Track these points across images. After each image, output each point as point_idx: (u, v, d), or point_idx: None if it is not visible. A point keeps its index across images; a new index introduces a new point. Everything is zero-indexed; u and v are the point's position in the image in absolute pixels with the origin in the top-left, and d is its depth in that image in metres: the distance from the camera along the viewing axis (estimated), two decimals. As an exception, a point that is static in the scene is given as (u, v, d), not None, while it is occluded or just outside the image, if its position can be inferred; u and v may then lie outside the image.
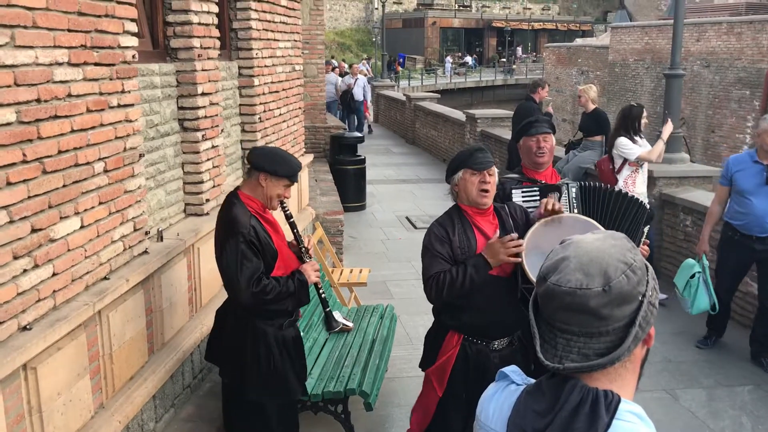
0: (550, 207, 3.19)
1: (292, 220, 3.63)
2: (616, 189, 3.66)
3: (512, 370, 1.53)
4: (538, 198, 3.64)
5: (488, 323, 3.25)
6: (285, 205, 3.59)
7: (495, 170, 3.24)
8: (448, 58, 46.50)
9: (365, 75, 21.92)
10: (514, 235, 3.12)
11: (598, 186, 3.67)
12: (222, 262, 3.36)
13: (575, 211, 3.57)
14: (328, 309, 3.85)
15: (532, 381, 1.48)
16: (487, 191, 3.20)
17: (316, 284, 3.62)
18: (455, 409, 3.34)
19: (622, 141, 6.63)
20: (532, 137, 3.82)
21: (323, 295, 3.79)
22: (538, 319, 1.39)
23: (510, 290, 3.24)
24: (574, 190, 3.61)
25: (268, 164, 3.37)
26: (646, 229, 3.69)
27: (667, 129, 6.98)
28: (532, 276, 3.02)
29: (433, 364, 3.37)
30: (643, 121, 6.73)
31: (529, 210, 3.59)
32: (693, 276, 5.49)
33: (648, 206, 3.68)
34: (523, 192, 3.71)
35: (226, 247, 3.29)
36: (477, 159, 3.18)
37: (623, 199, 3.60)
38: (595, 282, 1.28)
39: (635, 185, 6.68)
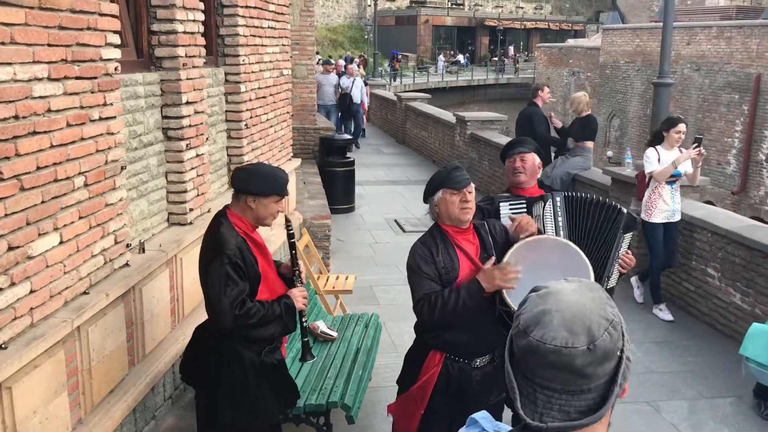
0: (525, 229, 3.21)
1: (293, 240, 3.52)
2: (596, 197, 3.71)
3: (483, 417, 1.52)
4: (525, 211, 3.67)
5: (470, 342, 3.26)
6: (290, 225, 3.51)
7: (473, 187, 3.26)
8: (441, 57, 46.41)
9: (361, 75, 20.10)
10: (512, 261, 3.14)
11: (582, 196, 3.70)
12: (206, 283, 3.23)
13: (560, 219, 3.61)
14: (306, 339, 3.70)
15: (502, 427, 1.47)
16: (468, 208, 3.21)
17: (300, 312, 3.48)
18: (438, 423, 3.35)
19: (647, 152, 6.50)
20: (511, 158, 3.87)
21: (305, 324, 3.66)
22: (515, 372, 1.35)
23: (491, 309, 3.25)
24: (558, 200, 3.65)
25: (254, 186, 3.25)
26: (628, 237, 3.69)
27: (686, 153, 6.40)
28: (510, 301, 3.04)
29: (413, 382, 3.37)
30: (675, 135, 6.41)
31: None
32: None
33: (626, 210, 3.68)
34: (510, 204, 3.75)
35: (210, 268, 3.16)
36: (455, 178, 3.19)
37: (603, 207, 3.65)
38: (580, 340, 1.26)
39: (657, 203, 6.45)
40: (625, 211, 3.67)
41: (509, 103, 36.91)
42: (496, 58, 49.41)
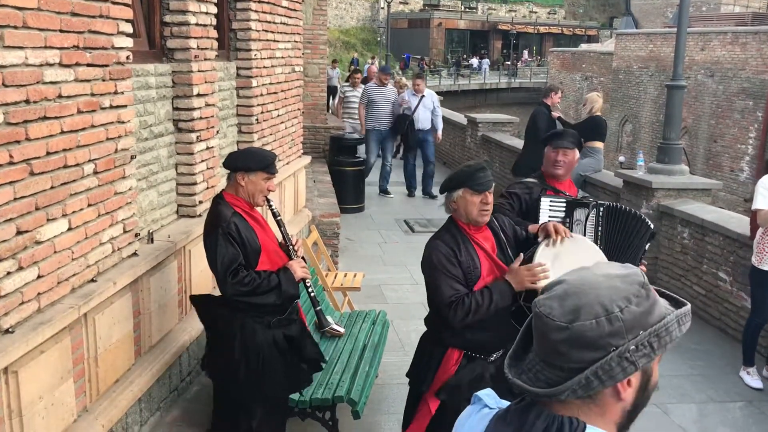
0: (554, 235, 3.28)
1: (279, 218, 3.71)
2: (635, 212, 3.81)
3: (486, 394, 1.52)
4: (564, 210, 3.78)
5: (491, 339, 3.26)
6: (272, 204, 3.67)
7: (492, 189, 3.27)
8: (486, 60, 46.13)
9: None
10: (540, 261, 3.18)
11: (623, 209, 3.80)
12: (208, 257, 3.49)
13: (600, 229, 3.74)
14: (318, 308, 3.90)
15: (505, 404, 1.47)
16: (487, 212, 3.22)
17: (305, 283, 3.68)
18: (449, 418, 3.33)
19: (762, 180, 5.19)
20: (554, 149, 3.97)
21: (312, 294, 3.82)
22: (526, 329, 1.39)
23: (511, 306, 3.26)
24: (602, 210, 3.75)
25: (241, 162, 3.52)
26: (647, 246, 3.82)
27: None
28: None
29: (429, 382, 3.33)
30: None
31: (550, 221, 3.71)
32: None
33: (652, 225, 3.79)
34: (551, 201, 3.83)
35: (207, 242, 3.44)
36: (479, 179, 3.17)
37: (638, 222, 3.75)
38: (563, 316, 1.26)
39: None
40: (651, 226, 3.78)
41: (521, 107, 36.84)
42: (508, 62, 49.28)
